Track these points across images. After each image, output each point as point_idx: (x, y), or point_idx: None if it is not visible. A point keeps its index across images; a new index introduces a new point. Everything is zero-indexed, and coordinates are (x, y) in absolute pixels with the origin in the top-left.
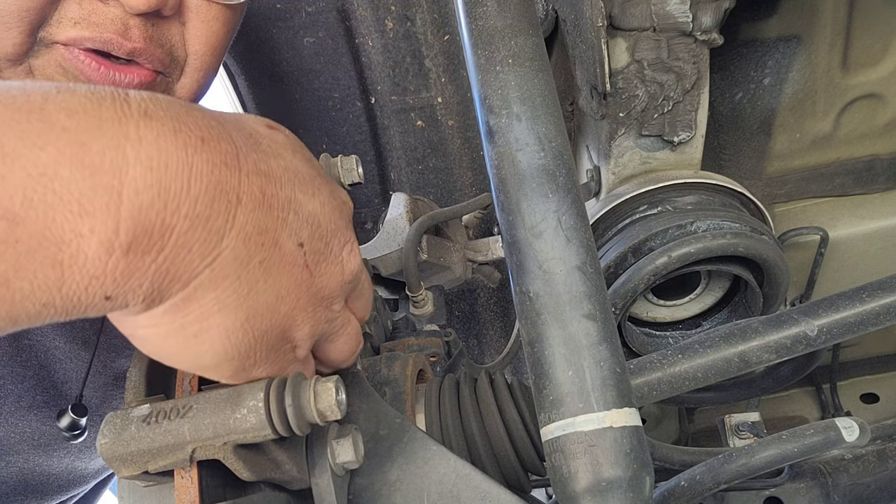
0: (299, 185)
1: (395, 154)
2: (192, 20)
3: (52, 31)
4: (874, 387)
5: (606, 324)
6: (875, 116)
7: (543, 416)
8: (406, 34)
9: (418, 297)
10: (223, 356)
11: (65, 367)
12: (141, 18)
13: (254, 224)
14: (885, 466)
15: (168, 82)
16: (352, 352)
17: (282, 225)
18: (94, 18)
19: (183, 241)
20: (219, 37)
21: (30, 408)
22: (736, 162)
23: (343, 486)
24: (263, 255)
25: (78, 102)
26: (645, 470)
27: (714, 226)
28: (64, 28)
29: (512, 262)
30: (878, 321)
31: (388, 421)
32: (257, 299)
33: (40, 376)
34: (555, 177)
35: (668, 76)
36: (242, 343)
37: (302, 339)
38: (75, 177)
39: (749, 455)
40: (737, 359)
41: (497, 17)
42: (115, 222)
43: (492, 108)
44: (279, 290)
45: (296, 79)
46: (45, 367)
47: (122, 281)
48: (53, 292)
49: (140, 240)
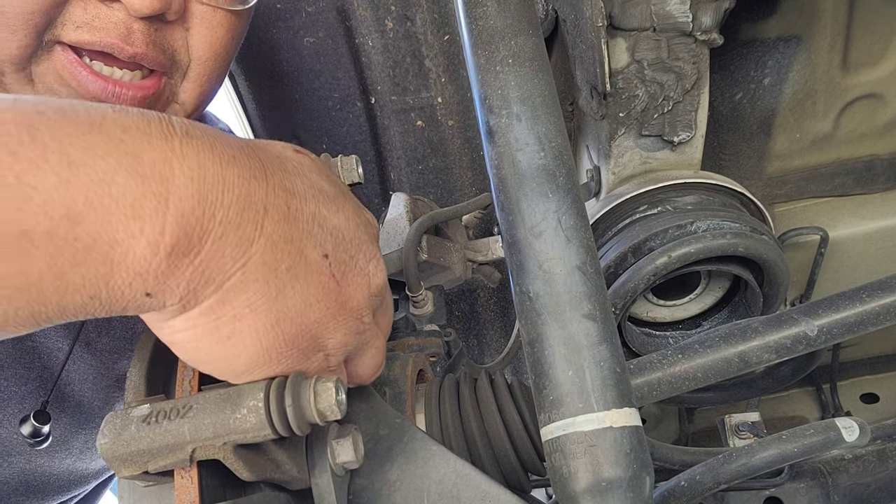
0: (323, 202)
1: (395, 154)
2: (196, 26)
3: (56, 33)
4: (874, 387)
5: (606, 324)
6: (875, 116)
7: (543, 416)
8: (406, 34)
9: (418, 297)
10: (255, 359)
11: (67, 369)
12: (144, 22)
13: (280, 233)
14: (886, 466)
15: (172, 86)
16: (378, 366)
17: (307, 236)
18: (98, 22)
19: (217, 245)
20: (223, 43)
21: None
22: (736, 162)
23: (343, 486)
24: (290, 262)
25: (131, 120)
26: (645, 470)
27: (714, 226)
28: (67, 31)
29: (512, 262)
30: (878, 321)
31: (388, 421)
32: (286, 303)
33: (43, 378)
34: (555, 177)
35: (668, 76)
36: (273, 346)
37: (334, 349)
38: (130, 184)
39: (749, 455)
40: (737, 359)
41: (497, 17)
42: (161, 225)
43: (492, 108)
44: (307, 296)
45: (296, 79)
46: (48, 368)
47: (162, 279)
48: (101, 286)
49: (182, 242)
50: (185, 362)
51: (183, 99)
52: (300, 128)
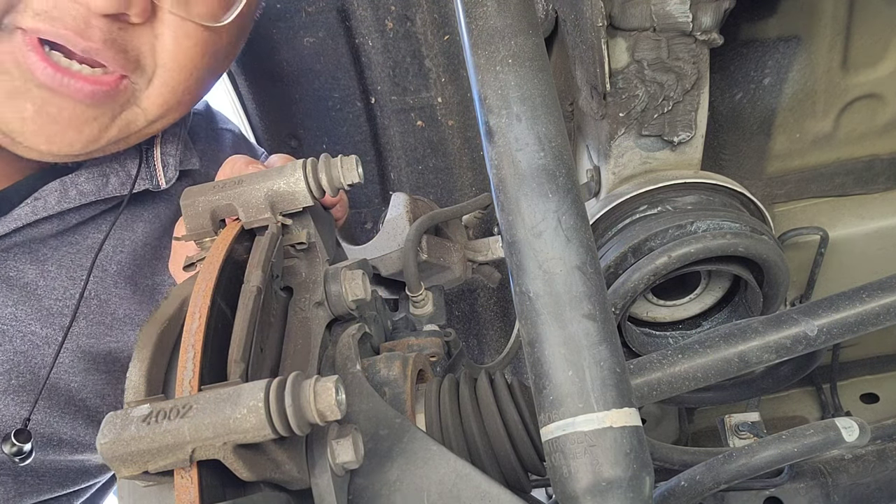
0: None
1: (395, 154)
2: (164, 33)
3: (17, 18)
4: (874, 387)
5: (606, 324)
6: (875, 116)
7: (543, 416)
8: (406, 34)
9: (418, 297)
10: None
11: (42, 352)
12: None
13: None
14: (885, 466)
15: (134, 89)
16: None
17: None
18: (56, 13)
19: None
20: (189, 55)
21: (4, 392)
22: (736, 162)
23: (343, 486)
24: None
25: None
26: (645, 470)
27: (714, 226)
28: (26, 18)
29: (512, 262)
30: (877, 321)
31: (388, 421)
32: None
33: (15, 361)
34: (555, 177)
35: (668, 76)
36: None
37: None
38: None
39: (749, 455)
40: (737, 359)
41: (497, 17)
42: None
43: (491, 108)
44: None
45: (296, 79)
46: (21, 352)
47: None
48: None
49: None
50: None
51: (145, 105)
52: (300, 128)
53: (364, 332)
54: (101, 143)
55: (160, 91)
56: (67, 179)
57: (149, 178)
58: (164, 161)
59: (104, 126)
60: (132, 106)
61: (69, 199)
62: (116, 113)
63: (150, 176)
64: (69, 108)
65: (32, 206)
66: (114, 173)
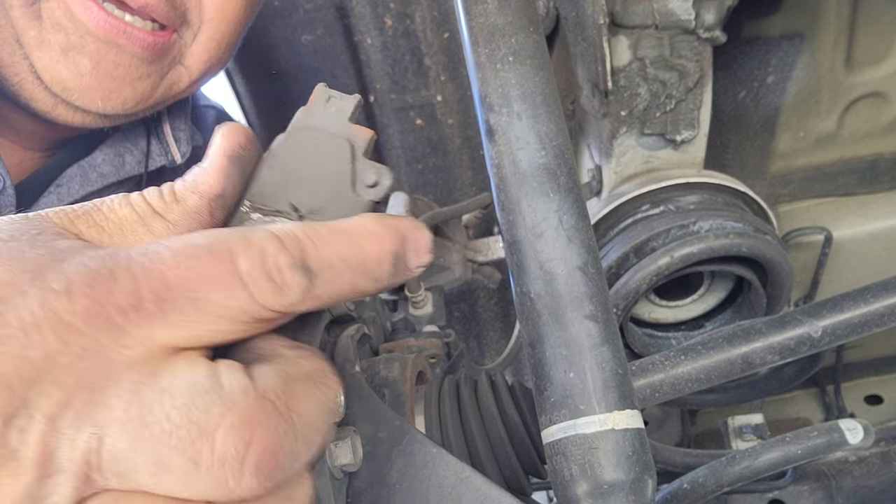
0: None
1: (395, 153)
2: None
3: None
4: (878, 388)
5: (608, 325)
6: (879, 115)
7: (544, 418)
8: (405, 32)
9: (418, 298)
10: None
11: None
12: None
13: None
14: (890, 469)
15: (181, 45)
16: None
17: None
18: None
19: None
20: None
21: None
22: (739, 161)
23: (341, 488)
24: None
25: None
26: (647, 472)
27: (717, 226)
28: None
29: (512, 263)
30: (882, 322)
31: (388, 423)
32: None
33: None
34: (556, 176)
35: (671, 74)
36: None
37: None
38: None
39: (752, 457)
40: (740, 360)
41: (497, 14)
42: None
43: (492, 106)
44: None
45: (294, 77)
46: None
47: None
48: None
49: None
50: None
51: (189, 62)
52: None
53: (363, 333)
54: (149, 101)
55: (206, 47)
56: (85, 163)
57: (164, 153)
58: (175, 136)
59: (154, 84)
60: (177, 65)
61: (91, 183)
62: (165, 71)
63: (164, 152)
64: (125, 62)
65: (57, 193)
66: (128, 152)
